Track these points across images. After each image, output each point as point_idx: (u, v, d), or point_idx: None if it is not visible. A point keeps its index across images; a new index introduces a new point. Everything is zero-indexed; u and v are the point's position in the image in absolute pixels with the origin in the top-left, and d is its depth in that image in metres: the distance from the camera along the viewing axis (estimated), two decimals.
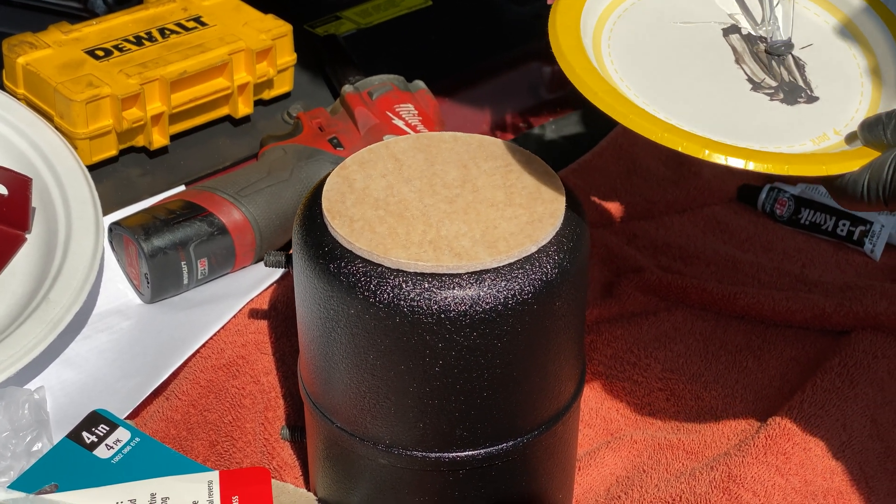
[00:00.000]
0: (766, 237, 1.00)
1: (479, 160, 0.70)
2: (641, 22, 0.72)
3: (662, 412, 0.85)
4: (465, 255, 0.64)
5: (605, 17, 0.72)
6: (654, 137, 0.63)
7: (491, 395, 0.66)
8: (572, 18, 0.69)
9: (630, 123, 0.63)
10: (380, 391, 0.66)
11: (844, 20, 0.72)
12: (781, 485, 0.76)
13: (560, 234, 0.66)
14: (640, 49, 0.70)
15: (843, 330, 0.89)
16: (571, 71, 0.66)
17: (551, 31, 0.68)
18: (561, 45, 0.68)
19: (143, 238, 0.85)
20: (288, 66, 1.03)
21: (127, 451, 0.75)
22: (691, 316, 0.92)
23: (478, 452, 0.68)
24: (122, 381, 0.82)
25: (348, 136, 0.95)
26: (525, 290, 0.64)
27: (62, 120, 0.94)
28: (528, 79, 1.14)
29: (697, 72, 0.69)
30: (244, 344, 0.84)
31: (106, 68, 0.95)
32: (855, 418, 0.81)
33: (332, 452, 0.72)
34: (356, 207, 0.67)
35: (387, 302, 0.63)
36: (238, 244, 0.88)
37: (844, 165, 0.63)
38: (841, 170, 0.62)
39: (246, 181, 0.91)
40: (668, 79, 0.68)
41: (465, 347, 0.64)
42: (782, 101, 0.68)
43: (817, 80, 0.69)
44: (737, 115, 0.66)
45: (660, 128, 0.63)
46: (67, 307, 0.81)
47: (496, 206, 0.67)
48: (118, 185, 0.97)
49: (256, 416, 0.80)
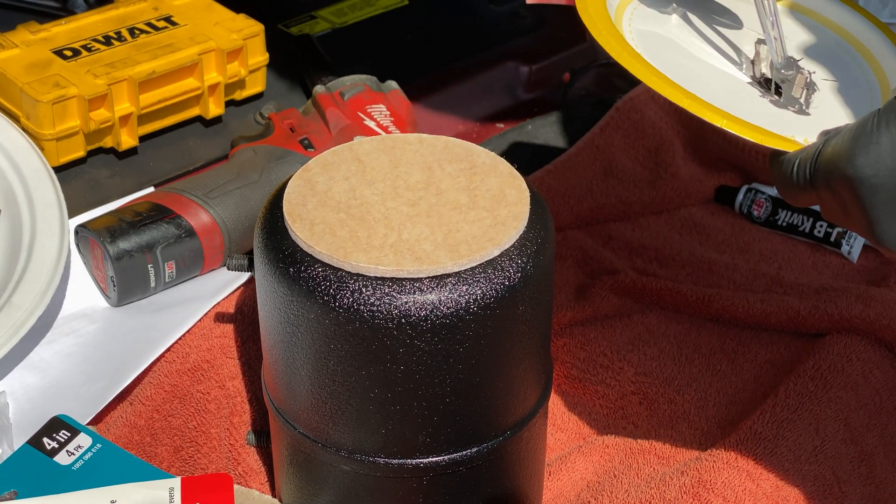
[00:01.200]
0: (742, 238, 1.00)
1: (444, 162, 0.69)
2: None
3: (635, 416, 0.85)
4: (427, 259, 0.63)
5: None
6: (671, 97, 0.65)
7: (454, 400, 0.65)
8: None
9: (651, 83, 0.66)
10: (341, 397, 0.65)
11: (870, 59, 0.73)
12: (752, 490, 0.76)
13: (524, 238, 0.65)
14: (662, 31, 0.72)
15: (817, 333, 0.89)
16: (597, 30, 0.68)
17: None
18: (589, 8, 0.69)
19: (109, 241, 0.85)
20: (260, 67, 1.03)
21: (88, 457, 0.74)
22: (665, 318, 0.91)
23: (442, 458, 0.67)
24: (86, 385, 0.81)
25: (319, 137, 0.94)
26: (487, 294, 0.63)
27: (28, 121, 0.93)
28: (505, 79, 1.14)
29: (710, 58, 0.71)
30: (209, 348, 0.83)
31: (73, 68, 0.95)
32: (828, 422, 0.81)
33: (296, 459, 0.71)
34: (317, 210, 0.66)
35: (347, 307, 0.62)
36: (206, 247, 0.88)
37: (783, 144, 0.62)
38: (777, 145, 0.62)
39: (215, 183, 0.90)
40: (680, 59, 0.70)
41: (427, 353, 0.63)
42: (772, 101, 0.68)
43: (818, 105, 0.69)
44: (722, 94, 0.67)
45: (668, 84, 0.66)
46: (31, 311, 0.80)
47: (459, 209, 0.66)
48: (86, 186, 0.96)
49: (222, 422, 0.80)
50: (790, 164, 0.59)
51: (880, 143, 0.54)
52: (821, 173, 0.57)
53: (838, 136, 0.56)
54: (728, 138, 1.05)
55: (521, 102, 1.13)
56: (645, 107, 1.08)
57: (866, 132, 0.54)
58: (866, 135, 0.54)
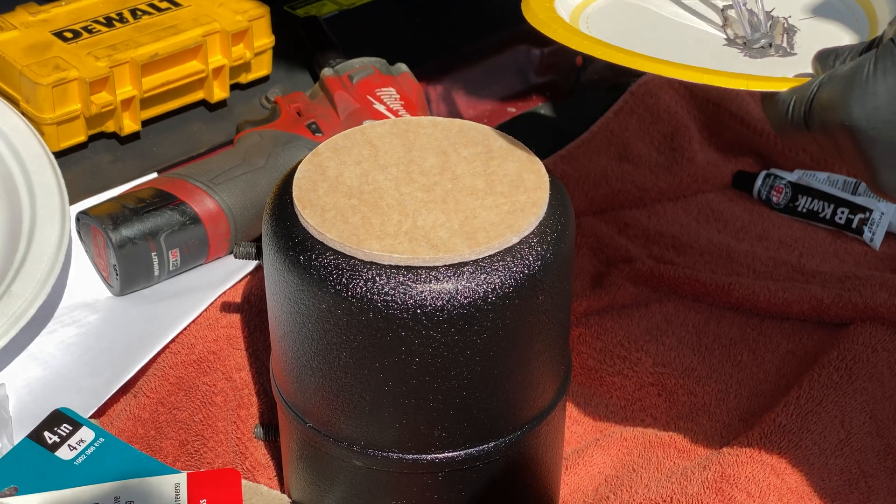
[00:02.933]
0: (761, 225, 0.98)
1: (459, 146, 0.67)
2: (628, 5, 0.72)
3: (654, 408, 0.82)
4: (443, 246, 0.61)
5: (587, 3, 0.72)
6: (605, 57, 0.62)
7: (471, 394, 0.63)
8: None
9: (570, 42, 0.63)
10: (354, 390, 0.63)
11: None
12: (777, 485, 0.74)
13: (543, 224, 0.63)
14: (622, 19, 0.69)
15: (841, 322, 0.86)
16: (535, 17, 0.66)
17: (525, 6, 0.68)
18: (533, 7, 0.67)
19: (112, 228, 0.82)
20: (266, 49, 1.00)
21: (91, 451, 0.72)
22: (684, 308, 0.89)
23: (458, 454, 0.65)
24: (89, 377, 0.79)
25: (328, 121, 0.92)
26: (506, 283, 0.61)
27: (28, 104, 0.91)
28: (516, 62, 1.11)
29: (676, 33, 0.68)
30: (216, 339, 0.80)
31: (74, 50, 0.92)
32: (853, 415, 0.79)
33: (305, 453, 0.69)
34: (328, 196, 0.64)
35: (360, 296, 0.60)
36: (211, 234, 0.85)
37: (773, 85, 0.59)
38: (767, 87, 0.59)
39: (220, 168, 0.87)
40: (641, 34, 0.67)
41: (443, 344, 0.61)
42: (750, 55, 0.65)
43: (802, 44, 0.66)
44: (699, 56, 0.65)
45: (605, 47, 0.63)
46: (31, 300, 0.78)
47: (476, 194, 0.64)
48: (87, 172, 0.94)
49: (228, 415, 0.77)
50: (785, 104, 0.57)
51: (877, 93, 0.52)
52: (816, 118, 0.55)
53: (833, 81, 0.54)
54: (745, 122, 1.03)
55: (533, 86, 1.11)
56: (660, 91, 1.06)
57: (861, 81, 0.52)
58: (861, 84, 0.52)
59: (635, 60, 0.61)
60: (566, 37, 0.64)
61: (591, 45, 0.63)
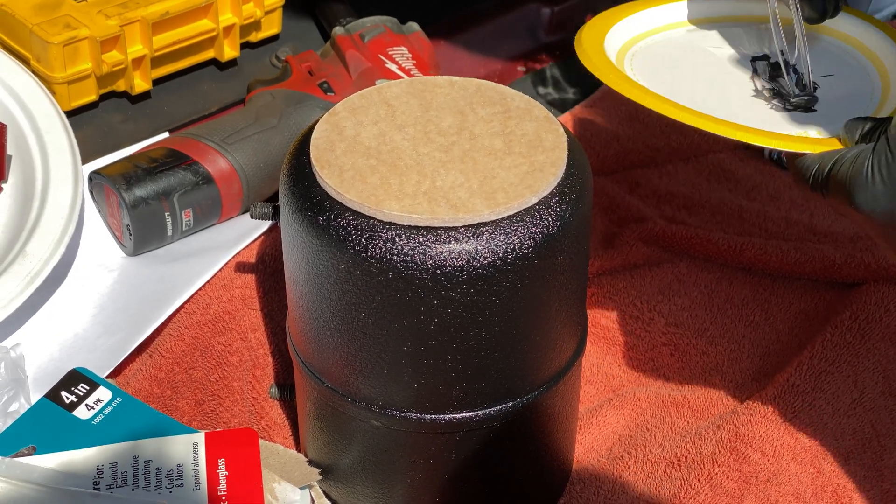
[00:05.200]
0: (773, 185, 0.97)
1: (477, 106, 0.67)
2: (672, 46, 0.77)
3: (666, 368, 0.83)
4: (462, 206, 0.60)
5: (633, 42, 0.76)
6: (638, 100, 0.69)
7: (489, 354, 0.63)
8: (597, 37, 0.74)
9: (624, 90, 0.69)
10: (372, 350, 0.63)
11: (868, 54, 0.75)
12: (791, 444, 0.74)
13: (562, 185, 0.63)
14: (664, 64, 0.74)
15: (853, 282, 0.86)
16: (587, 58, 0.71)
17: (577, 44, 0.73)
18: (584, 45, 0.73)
19: (125, 188, 0.82)
20: (276, 7, 1.00)
21: (108, 411, 0.72)
22: (696, 268, 0.89)
23: (475, 414, 0.65)
24: (104, 337, 0.79)
25: (339, 80, 0.91)
26: (525, 243, 0.61)
27: (39, 63, 0.90)
28: (526, 21, 1.11)
29: (709, 81, 0.73)
30: (231, 299, 0.80)
31: (84, 9, 0.92)
32: (867, 374, 0.79)
33: (322, 413, 0.69)
34: (346, 156, 0.63)
35: (379, 256, 0.60)
36: (224, 194, 0.85)
37: (796, 145, 0.65)
38: (797, 148, 0.65)
39: (232, 128, 0.87)
40: (677, 83, 0.72)
41: (462, 305, 0.61)
42: (776, 107, 0.71)
43: (822, 99, 0.71)
44: (734, 110, 0.70)
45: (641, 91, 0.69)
46: (45, 260, 0.78)
47: (494, 154, 0.64)
48: (98, 131, 0.93)
49: (244, 375, 0.77)
50: (808, 170, 0.63)
51: (875, 184, 0.58)
52: (830, 192, 0.62)
53: (843, 164, 0.61)
54: None
55: (543, 45, 1.10)
56: None
57: (862, 173, 0.59)
58: (862, 175, 0.59)
59: (681, 114, 0.66)
60: (617, 83, 0.69)
61: (640, 93, 0.68)
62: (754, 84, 0.73)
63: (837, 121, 0.67)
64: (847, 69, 0.74)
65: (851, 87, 0.72)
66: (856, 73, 0.74)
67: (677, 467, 0.73)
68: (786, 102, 0.71)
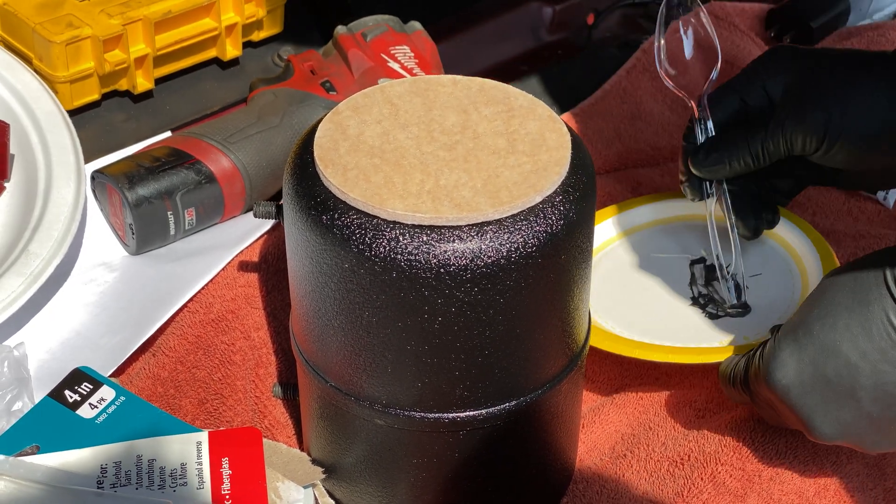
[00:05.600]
0: None
1: (480, 105, 0.67)
2: (625, 256, 0.85)
3: (668, 366, 0.82)
4: (466, 205, 0.60)
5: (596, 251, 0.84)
6: None
7: (493, 353, 0.63)
8: None
9: None
10: (376, 349, 0.63)
11: (794, 255, 0.82)
12: (793, 442, 0.74)
13: (566, 184, 0.63)
14: (614, 276, 0.83)
15: None
16: None
17: None
18: None
19: (128, 187, 0.82)
20: (278, 6, 1.00)
21: (112, 410, 0.72)
22: None
23: (479, 413, 0.65)
24: (107, 336, 0.79)
25: (341, 79, 0.91)
26: (529, 242, 0.61)
27: (41, 62, 0.90)
28: (528, 20, 1.11)
29: (653, 292, 0.81)
30: (234, 298, 0.80)
31: (87, 8, 0.92)
32: None
33: (326, 412, 0.69)
34: (350, 155, 0.63)
35: (383, 256, 0.60)
36: (227, 193, 0.85)
37: (710, 357, 0.74)
38: (706, 360, 0.74)
39: (235, 127, 0.87)
40: (626, 298, 0.81)
41: (466, 303, 0.61)
42: (710, 315, 0.79)
43: (752, 301, 0.79)
44: (669, 321, 0.79)
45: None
46: (48, 259, 0.78)
47: (498, 153, 0.64)
48: (101, 130, 0.93)
49: (247, 374, 0.78)
50: (727, 379, 0.72)
51: (785, 362, 0.67)
52: (751, 389, 0.70)
53: (755, 360, 0.69)
54: None
55: (545, 44, 1.10)
56: None
57: (772, 357, 0.67)
58: (772, 359, 0.67)
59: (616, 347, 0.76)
60: None
61: None
62: (691, 291, 0.81)
63: (765, 325, 0.74)
64: (772, 268, 0.81)
65: (776, 288, 0.79)
66: (781, 271, 0.80)
67: (680, 466, 0.73)
68: (719, 308, 0.79)
